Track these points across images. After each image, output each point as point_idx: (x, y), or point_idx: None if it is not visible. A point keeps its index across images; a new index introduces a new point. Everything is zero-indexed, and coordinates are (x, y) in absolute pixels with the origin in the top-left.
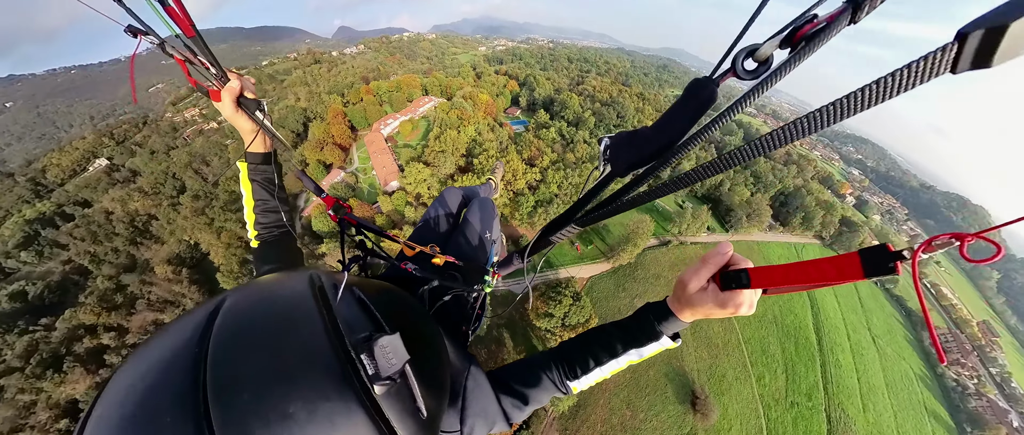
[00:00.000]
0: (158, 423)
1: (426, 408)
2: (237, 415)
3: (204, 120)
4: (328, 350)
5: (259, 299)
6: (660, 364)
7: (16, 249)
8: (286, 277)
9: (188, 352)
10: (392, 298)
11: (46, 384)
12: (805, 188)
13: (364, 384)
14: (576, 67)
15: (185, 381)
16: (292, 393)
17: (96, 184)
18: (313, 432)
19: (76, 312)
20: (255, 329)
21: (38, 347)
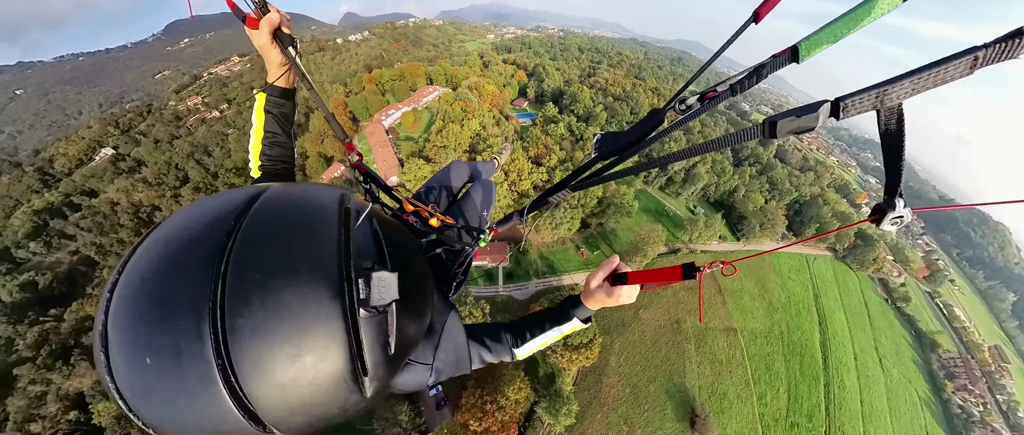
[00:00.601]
0: (186, 270)
1: (396, 345)
2: (245, 285)
3: (207, 108)
4: (334, 263)
5: (294, 199)
6: (661, 380)
7: (26, 239)
8: (323, 189)
9: (224, 223)
10: (402, 241)
11: (55, 376)
12: (822, 197)
13: (352, 304)
14: (587, 58)
15: (216, 245)
16: (292, 285)
17: (102, 174)
18: (297, 322)
19: (83, 304)
20: (282, 222)
21: (48, 338)
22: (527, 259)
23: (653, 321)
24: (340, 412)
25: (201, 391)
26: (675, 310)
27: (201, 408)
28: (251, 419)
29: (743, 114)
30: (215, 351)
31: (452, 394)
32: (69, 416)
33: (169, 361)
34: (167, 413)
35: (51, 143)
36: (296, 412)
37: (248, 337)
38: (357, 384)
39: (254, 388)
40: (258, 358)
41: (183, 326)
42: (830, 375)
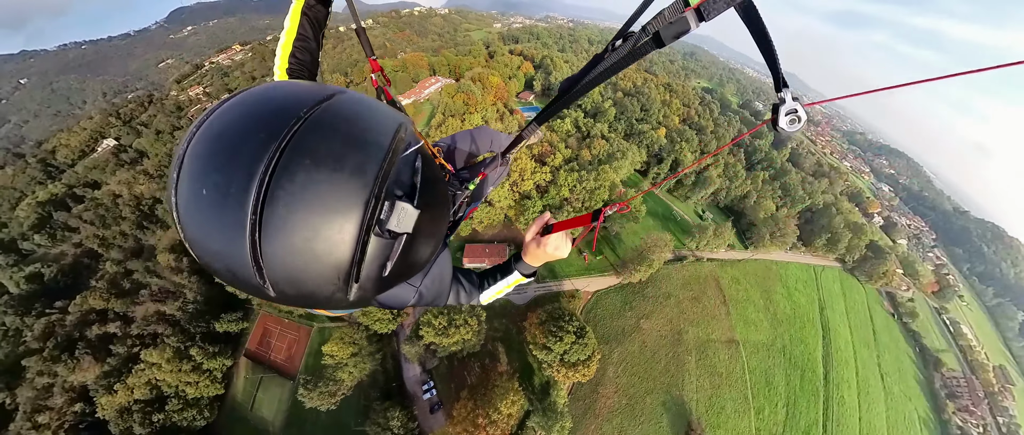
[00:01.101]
0: (256, 134)
1: (391, 269)
2: (295, 165)
3: (208, 98)
4: (372, 178)
5: (360, 110)
6: (658, 392)
7: (31, 231)
8: (387, 110)
9: (298, 108)
10: (436, 186)
11: (61, 368)
12: (835, 206)
13: (371, 220)
14: (597, 50)
15: (284, 124)
16: (331, 182)
17: (104, 166)
18: (322, 214)
19: (86, 297)
20: (343, 126)
21: (54, 330)
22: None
23: (654, 331)
24: (323, 300)
25: (231, 231)
26: (678, 321)
27: (226, 243)
28: (256, 270)
29: (757, 113)
30: (252, 206)
31: (446, 399)
32: (74, 408)
33: (218, 198)
34: (202, 236)
35: (54, 134)
36: (290, 282)
37: (280, 207)
38: (346, 285)
39: (268, 248)
40: (281, 226)
41: (238, 177)
42: (830, 391)
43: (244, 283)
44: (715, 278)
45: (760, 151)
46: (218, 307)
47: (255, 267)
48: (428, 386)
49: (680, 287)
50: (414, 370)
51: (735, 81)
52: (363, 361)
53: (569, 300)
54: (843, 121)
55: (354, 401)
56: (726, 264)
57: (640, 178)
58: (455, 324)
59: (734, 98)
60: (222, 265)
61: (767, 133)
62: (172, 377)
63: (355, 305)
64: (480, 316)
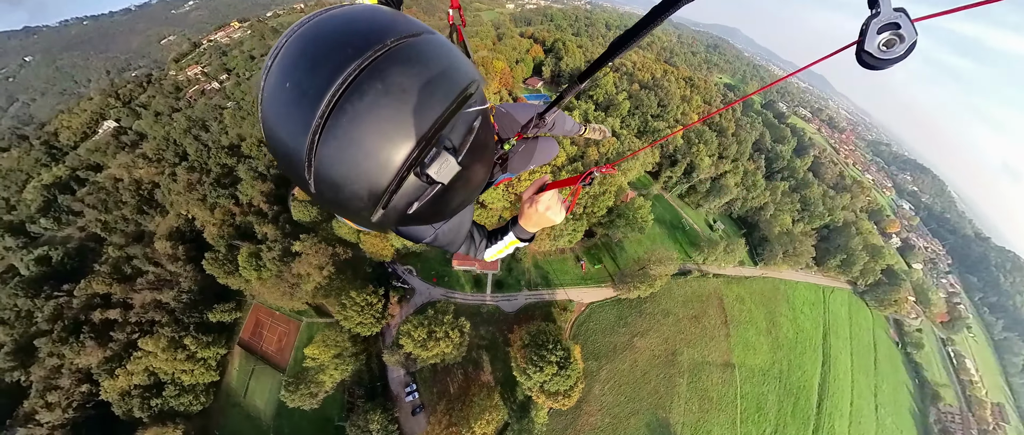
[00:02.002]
0: (344, 48)
1: (416, 210)
2: (366, 87)
3: (206, 78)
4: (430, 121)
5: (440, 55)
6: (644, 413)
7: (38, 214)
8: (468, 66)
9: (387, 35)
10: (485, 151)
11: (67, 351)
12: (855, 225)
13: (415, 160)
14: (614, 35)
15: (369, 45)
16: (393, 113)
17: (105, 148)
18: (376, 138)
19: (90, 282)
20: (420, 65)
21: (62, 313)
22: (520, 267)
23: (648, 350)
24: (350, 212)
25: (298, 126)
26: (674, 340)
27: (290, 135)
28: (307, 166)
29: (780, 116)
30: (321, 111)
31: (428, 402)
32: (82, 388)
33: (296, 95)
34: (274, 123)
35: (57, 115)
36: (329, 186)
37: (343, 119)
38: (373, 208)
39: (322, 150)
40: (338, 136)
41: (317, 82)
42: (822, 419)
43: (294, 173)
44: (719, 296)
45: (782, 158)
46: (211, 297)
47: (307, 163)
48: (411, 389)
49: (681, 304)
50: (398, 372)
51: (759, 79)
52: (346, 363)
53: (561, 312)
54: (869, 130)
55: (339, 397)
56: (732, 281)
57: (651, 180)
58: (435, 337)
59: (757, 97)
60: (282, 151)
61: (790, 139)
62: (168, 366)
63: (375, 227)
64: (463, 328)
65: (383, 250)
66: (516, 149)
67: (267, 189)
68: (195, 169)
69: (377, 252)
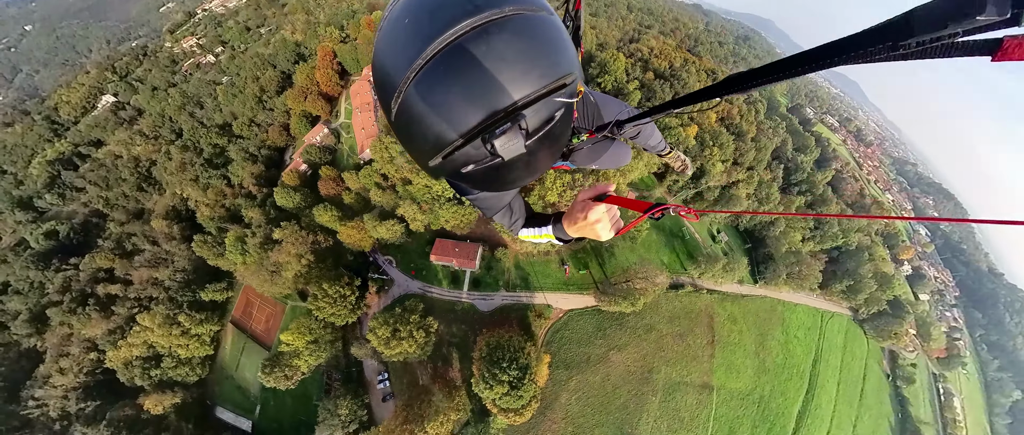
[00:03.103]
0: (464, 5)
1: (471, 173)
2: (472, 44)
3: (201, 51)
4: (511, 98)
5: (550, 39)
6: (609, 427)
7: (44, 189)
8: (571, 56)
9: (505, 3)
10: (555, 140)
11: (75, 321)
12: (869, 251)
13: (488, 127)
14: (635, 18)
15: (488, 8)
16: (485, 75)
17: (105, 124)
18: (460, 92)
19: (95, 257)
20: (528, 43)
21: (71, 285)
22: (500, 266)
23: (623, 365)
24: (412, 150)
25: (403, 58)
26: (653, 357)
27: (395, 63)
28: (397, 95)
29: (806, 122)
30: (426, 54)
31: (398, 391)
32: (90, 356)
33: (411, 32)
34: (385, 47)
35: (56, 89)
36: (406, 121)
37: (440, 68)
38: (432, 154)
39: (414, 87)
40: (431, 81)
41: (432, 28)
42: None
43: (384, 96)
44: (710, 314)
45: (802, 169)
46: (205, 276)
47: (398, 93)
48: (383, 377)
49: (667, 320)
50: (372, 360)
51: (788, 79)
52: (321, 350)
53: (536, 317)
54: (896, 146)
55: (319, 378)
56: (727, 299)
57: (654, 182)
58: (399, 336)
59: (783, 99)
60: (381, 75)
61: (813, 149)
62: (164, 340)
63: (429, 172)
64: (430, 328)
65: (362, 241)
66: (584, 144)
67: (257, 171)
68: (188, 148)
69: (356, 243)
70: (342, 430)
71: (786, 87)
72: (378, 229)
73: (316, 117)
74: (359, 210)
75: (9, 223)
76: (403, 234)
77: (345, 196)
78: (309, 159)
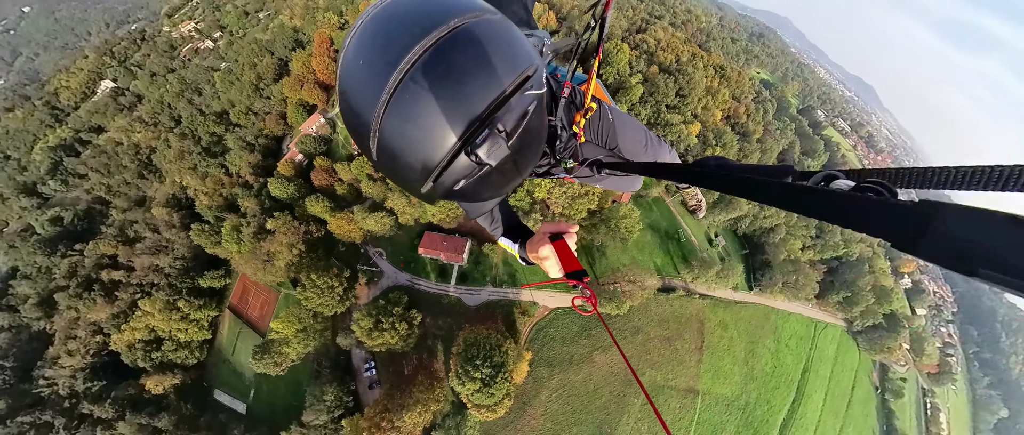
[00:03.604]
0: (413, 29)
1: (461, 188)
2: (428, 67)
3: (200, 36)
4: (484, 104)
5: (503, 39)
6: (588, 426)
7: (47, 175)
8: (528, 50)
9: (449, 17)
10: (534, 136)
11: (81, 305)
12: (870, 263)
13: (467, 139)
14: (645, 8)
15: (435, 27)
16: (451, 91)
17: (105, 110)
18: (433, 117)
19: (98, 243)
20: (481, 49)
21: (77, 270)
22: (487, 262)
23: (607, 366)
24: (403, 182)
25: (367, 100)
26: (638, 360)
27: (361, 107)
28: (373, 136)
29: (816, 125)
30: (388, 88)
31: (384, 379)
32: (96, 339)
33: (368, 72)
34: (349, 94)
35: (55, 74)
36: (388, 157)
37: (406, 98)
38: (423, 180)
39: (385, 124)
40: (400, 113)
41: (384, 63)
42: None
43: (361, 141)
44: (701, 319)
45: (809, 166)
46: (203, 264)
47: (372, 134)
48: (369, 365)
49: (655, 323)
50: (360, 350)
51: (802, 78)
52: (309, 338)
53: (521, 314)
54: (908, 154)
55: (309, 365)
56: (719, 305)
57: (652, 180)
58: (381, 327)
59: (794, 100)
60: (353, 120)
61: (822, 154)
62: (164, 325)
63: (424, 198)
64: (413, 320)
65: (351, 232)
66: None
67: (255, 160)
68: (186, 136)
69: (345, 234)
70: (327, 414)
71: (799, 87)
72: (367, 221)
73: (313, 106)
74: (352, 201)
75: (15, 209)
76: (392, 226)
77: (338, 187)
78: (304, 149)
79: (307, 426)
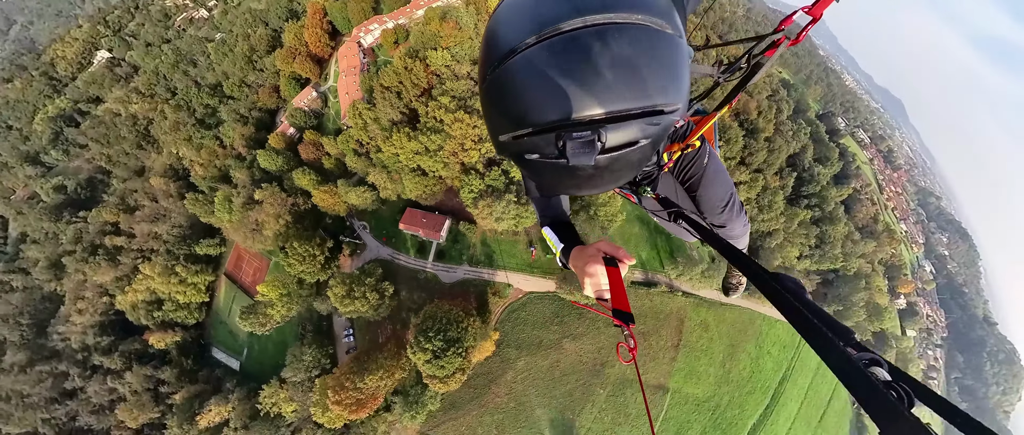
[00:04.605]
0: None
1: (528, 162)
2: (606, 36)
3: (194, 5)
4: (606, 106)
5: (674, 61)
6: (551, 409)
7: (48, 145)
8: (683, 84)
9: (646, 11)
10: (626, 164)
11: (87, 268)
12: (867, 279)
13: (565, 124)
14: None
15: (627, 9)
16: (599, 74)
17: (102, 80)
18: (567, 78)
19: (101, 211)
20: (648, 57)
21: (82, 236)
22: (465, 241)
23: (576, 354)
24: (490, 120)
25: (520, 30)
26: (608, 351)
27: (509, 33)
28: (498, 63)
29: (834, 132)
30: (541, 33)
31: (361, 346)
32: (103, 299)
33: (536, 6)
34: (505, 16)
35: (50, 44)
36: (497, 89)
37: (548, 52)
38: (506, 130)
39: (522, 57)
40: (535, 61)
41: (560, 11)
42: None
43: (487, 59)
44: (681, 318)
45: (817, 182)
46: (200, 232)
47: (502, 59)
48: (348, 332)
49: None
50: (341, 317)
51: (826, 84)
52: (292, 302)
53: (494, 296)
54: (924, 175)
55: (295, 328)
56: (702, 304)
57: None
58: (353, 296)
59: (815, 104)
60: (492, 39)
61: (835, 162)
62: (164, 288)
63: (497, 147)
64: (386, 292)
65: (335, 205)
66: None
67: (248, 133)
68: (181, 108)
69: (329, 207)
70: (305, 373)
71: (822, 91)
72: (350, 195)
73: (306, 80)
74: (338, 175)
75: (20, 177)
76: (374, 201)
77: (325, 161)
78: (295, 122)
79: (287, 382)
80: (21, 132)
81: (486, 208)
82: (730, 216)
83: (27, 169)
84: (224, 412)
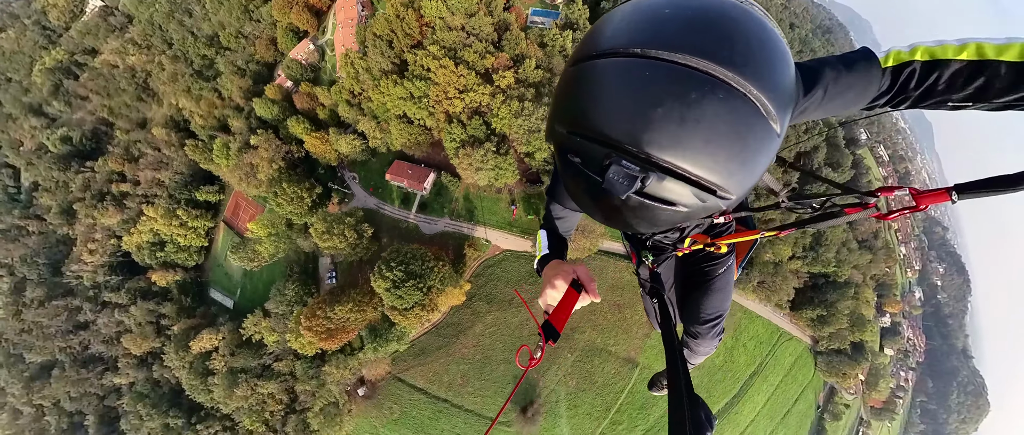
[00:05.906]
0: (706, 38)
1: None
2: (679, 83)
3: None
4: (679, 155)
5: (753, 143)
6: (515, 369)
7: (49, 97)
8: (754, 170)
9: (749, 77)
10: (658, 221)
11: (96, 213)
12: (856, 289)
13: (624, 147)
14: None
15: (726, 65)
16: (684, 119)
17: (96, 30)
18: (635, 107)
19: (106, 161)
20: (728, 128)
21: (90, 185)
22: (448, 194)
23: None
24: (554, 108)
25: (633, 36)
26: (581, 320)
27: (619, 33)
28: (594, 58)
29: (853, 142)
30: (650, 54)
31: (343, 283)
32: (111, 242)
33: (658, 22)
34: (625, 14)
35: None
36: (580, 79)
37: (642, 74)
38: (563, 119)
39: (611, 63)
40: (628, 74)
41: (679, 41)
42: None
43: (583, 47)
44: None
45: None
46: (200, 179)
47: (598, 55)
48: (331, 274)
49: (609, 288)
50: (326, 258)
51: None
52: (280, 241)
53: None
54: (937, 206)
55: (284, 268)
56: None
57: None
58: (332, 233)
59: None
60: (601, 30)
61: (847, 171)
62: (166, 229)
63: (547, 129)
64: (364, 233)
65: (326, 153)
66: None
67: (245, 85)
68: (178, 59)
69: (321, 154)
70: (286, 306)
71: None
72: (340, 142)
73: (304, 32)
74: (331, 125)
75: (26, 129)
76: (364, 150)
77: (319, 112)
78: (290, 74)
79: (270, 313)
80: (21, 84)
81: (466, 157)
82: (708, 332)
83: (32, 120)
84: (214, 340)
